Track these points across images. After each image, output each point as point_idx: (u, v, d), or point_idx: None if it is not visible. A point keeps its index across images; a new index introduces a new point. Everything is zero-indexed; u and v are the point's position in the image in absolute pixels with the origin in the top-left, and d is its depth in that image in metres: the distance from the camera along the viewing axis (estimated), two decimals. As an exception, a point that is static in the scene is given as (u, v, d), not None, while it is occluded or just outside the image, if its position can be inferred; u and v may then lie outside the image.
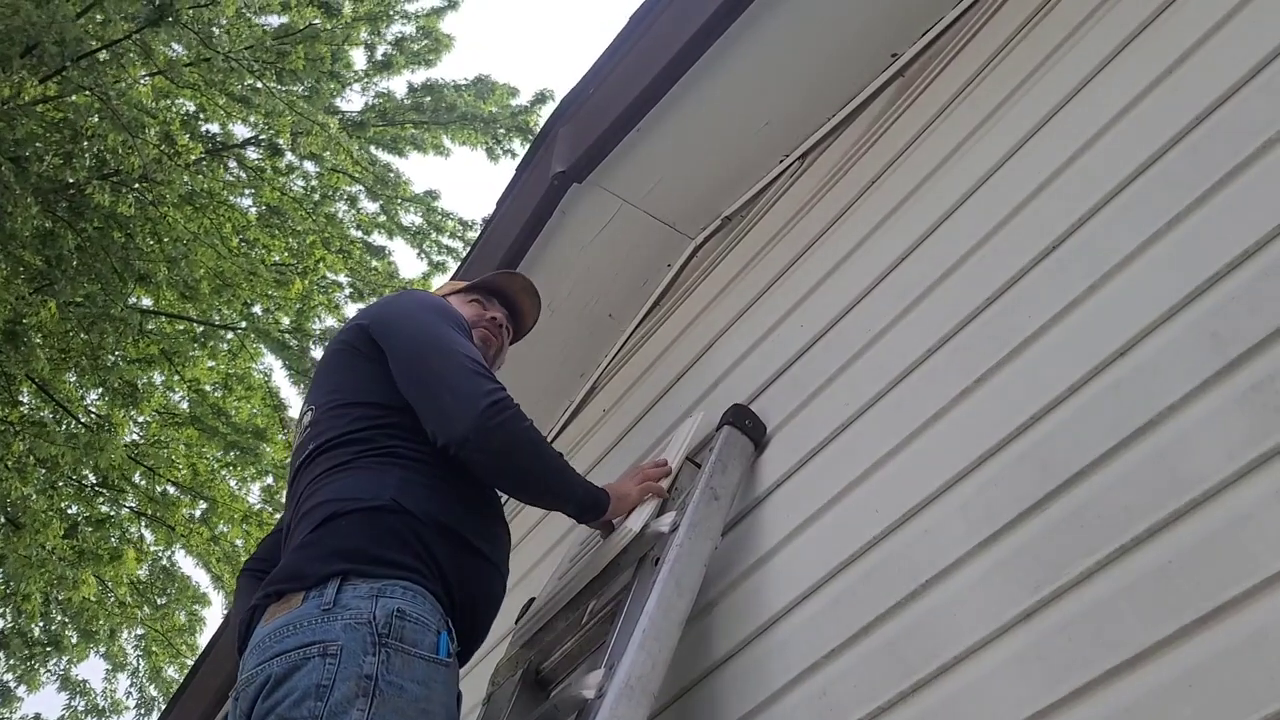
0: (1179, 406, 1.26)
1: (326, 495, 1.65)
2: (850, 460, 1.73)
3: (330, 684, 1.40)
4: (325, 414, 1.78)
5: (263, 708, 1.43)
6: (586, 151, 2.31)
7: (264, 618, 1.55)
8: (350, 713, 1.39)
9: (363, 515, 1.59)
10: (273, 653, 1.46)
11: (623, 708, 1.48)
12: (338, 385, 1.81)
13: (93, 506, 7.98)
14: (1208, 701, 1.09)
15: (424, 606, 1.52)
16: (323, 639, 1.44)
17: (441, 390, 1.69)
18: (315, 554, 1.57)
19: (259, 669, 1.47)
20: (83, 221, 6.92)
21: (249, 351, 8.40)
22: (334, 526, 1.59)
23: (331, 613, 1.47)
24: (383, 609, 1.48)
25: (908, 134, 1.98)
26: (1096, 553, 1.27)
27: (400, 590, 1.51)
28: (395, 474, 1.65)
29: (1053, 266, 1.53)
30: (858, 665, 1.53)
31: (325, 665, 1.42)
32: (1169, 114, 1.46)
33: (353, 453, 1.69)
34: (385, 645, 1.45)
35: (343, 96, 8.49)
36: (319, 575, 1.52)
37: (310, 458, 1.74)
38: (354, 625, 1.45)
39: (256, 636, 1.52)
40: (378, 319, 1.84)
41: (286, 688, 1.42)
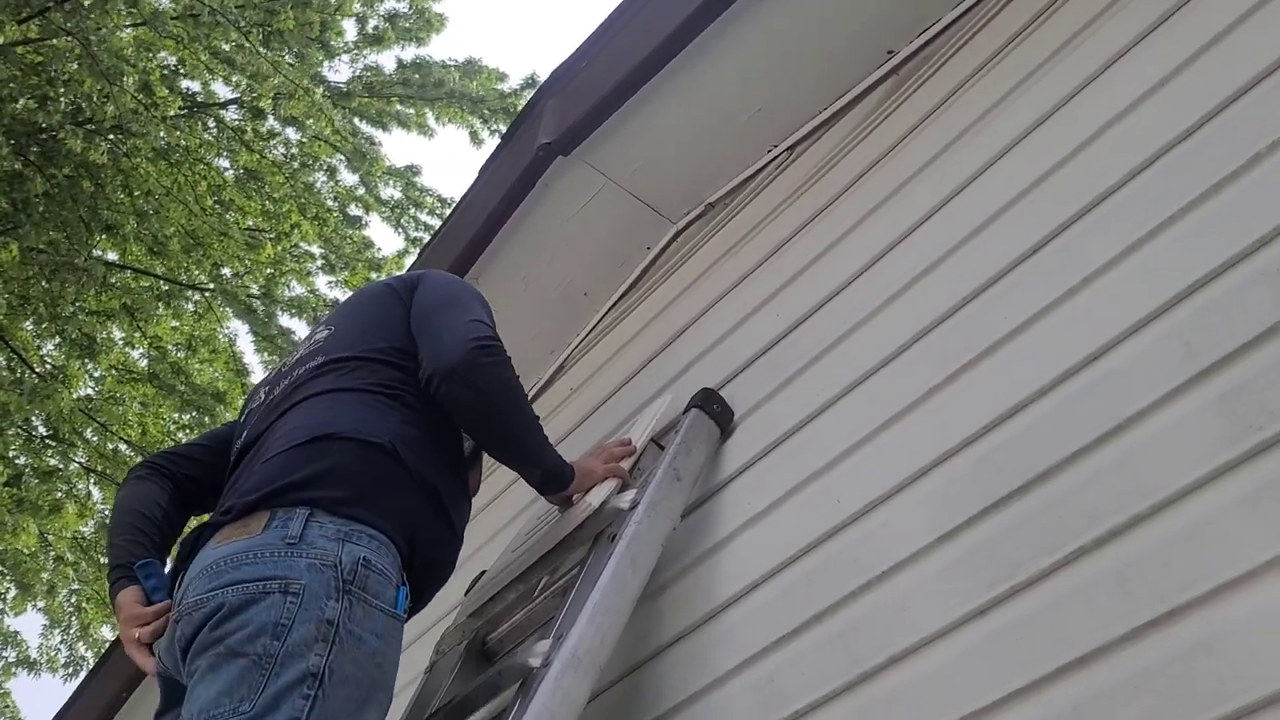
0: (1147, 413, 1.26)
1: (324, 413, 1.60)
2: (815, 450, 1.72)
3: (290, 623, 1.35)
4: (346, 337, 1.76)
5: (209, 636, 1.37)
6: (574, 125, 2.29)
7: (215, 537, 1.47)
8: (308, 656, 1.34)
9: (355, 446, 1.55)
10: (227, 580, 1.39)
11: (568, 678, 1.46)
12: (369, 319, 1.79)
13: (41, 458, 7.82)
14: (1154, 704, 1.10)
15: (386, 559, 1.49)
16: (285, 575, 1.38)
17: (442, 328, 1.69)
18: (293, 467, 1.51)
19: (210, 594, 1.39)
20: (53, 167, 6.79)
21: (215, 314, 8.27)
22: (324, 447, 1.54)
23: (296, 548, 1.41)
24: (349, 555, 1.43)
25: (898, 132, 1.98)
26: (1055, 553, 1.27)
27: (366, 539, 1.47)
28: (397, 418, 1.62)
29: (1031, 270, 1.53)
30: (805, 654, 1.52)
31: (286, 603, 1.36)
32: (1154, 127, 1.47)
33: (361, 382, 1.66)
34: (349, 593, 1.40)
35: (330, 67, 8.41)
36: (289, 485, 1.47)
37: (316, 371, 1.70)
38: (319, 567, 1.40)
39: (208, 557, 1.44)
40: (426, 277, 1.88)
41: (240, 619, 1.36)
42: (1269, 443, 1.13)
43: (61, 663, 7.95)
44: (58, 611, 7.88)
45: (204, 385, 8.16)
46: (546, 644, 1.52)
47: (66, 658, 7.94)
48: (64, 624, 7.94)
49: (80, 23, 6.09)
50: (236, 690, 1.31)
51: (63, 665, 7.96)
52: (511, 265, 2.56)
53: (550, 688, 1.44)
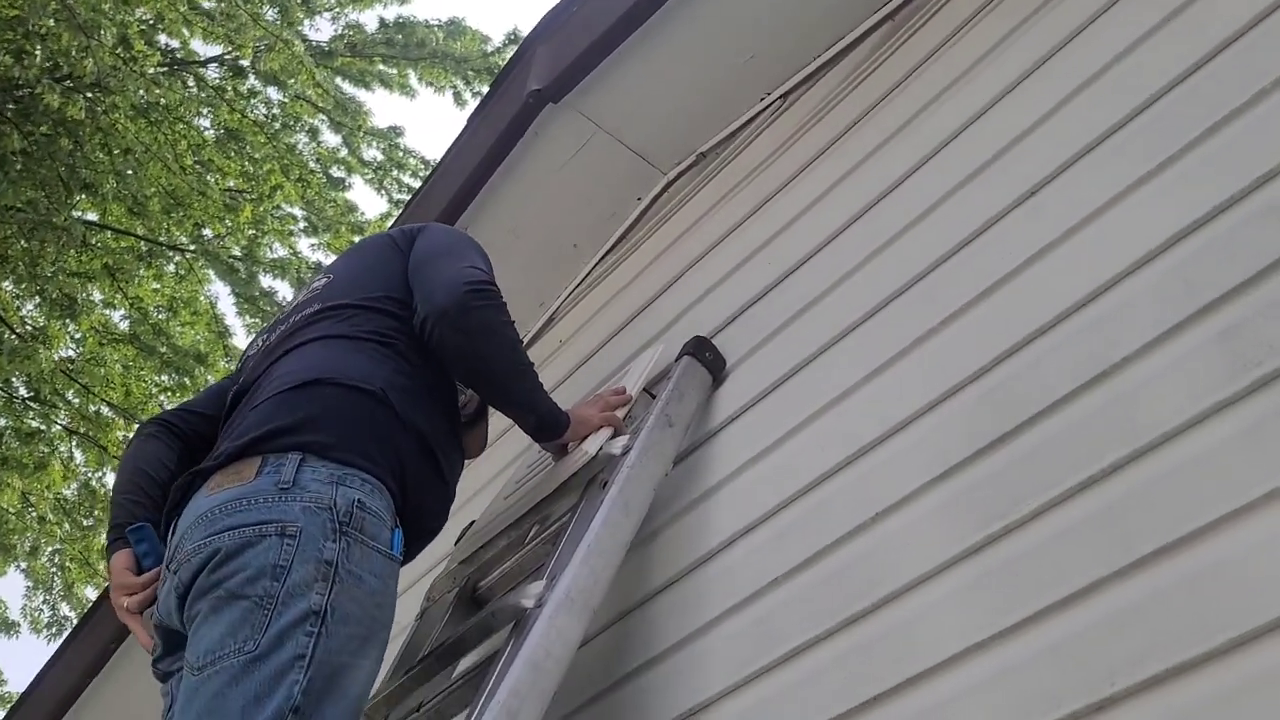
0: (1146, 350, 1.26)
1: (316, 359, 1.59)
2: (809, 395, 1.71)
3: (289, 565, 1.35)
4: (344, 285, 1.74)
5: (208, 580, 1.37)
6: (564, 71, 2.25)
7: (207, 485, 1.47)
8: (309, 595, 1.34)
9: (347, 392, 1.54)
10: (223, 526, 1.39)
11: (561, 618, 1.46)
12: (368, 268, 1.78)
13: (22, 420, 7.75)
14: (1150, 636, 1.10)
15: (380, 502, 1.49)
16: (280, 518, 1.39)
17: (437, 272, 1.68)
18: (285, 412, 1.50)
19: (206, 540, 1.39)
20: (30, 124, 6.67)
21: (197, 275, 8.19)
22: (315, 392, 1.54)
23: (289, 492, 1.41)
24: (343, 497, 1.43)
25: (893, 77, 1.96)
26: (1049, 491, 1.27)
27: (359, 481, 1.47)
28: (390, 366, 1.62)
29: (1029, 211, 1.52)
30: (800, 594, 1.52)
31: (284, 545, 1.36)
32: (1153, 67, 1.45)
33: (356, 330, 1.65)
34: (345, 534, 1.41)
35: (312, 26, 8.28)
36: (281, 429, 1.47)
37: (312, 318, 1.69)
38: (314, 509, 1.40)
39: (200, 507, 1.44)
40: (427, 229, 1.86)
41: (238, 563, 1.36)
42: (1269, 377, 1.12)
43: (44, 623, 7.94)
44: (40, 572, 7.85)
45: (186, 347, 8.09)
46: (540, 585, 1.52)
47: (49, 618, 7.93)
48: (47, 584, 7.91)
49: (57, -27, 5.97)
50: (240, 630, 1.33)
51: (45, 625, 7.94)
52: (500, 215, 2.53)
53: (544, 627, 1.44)
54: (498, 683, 1.39)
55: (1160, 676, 1.08)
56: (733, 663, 1.54)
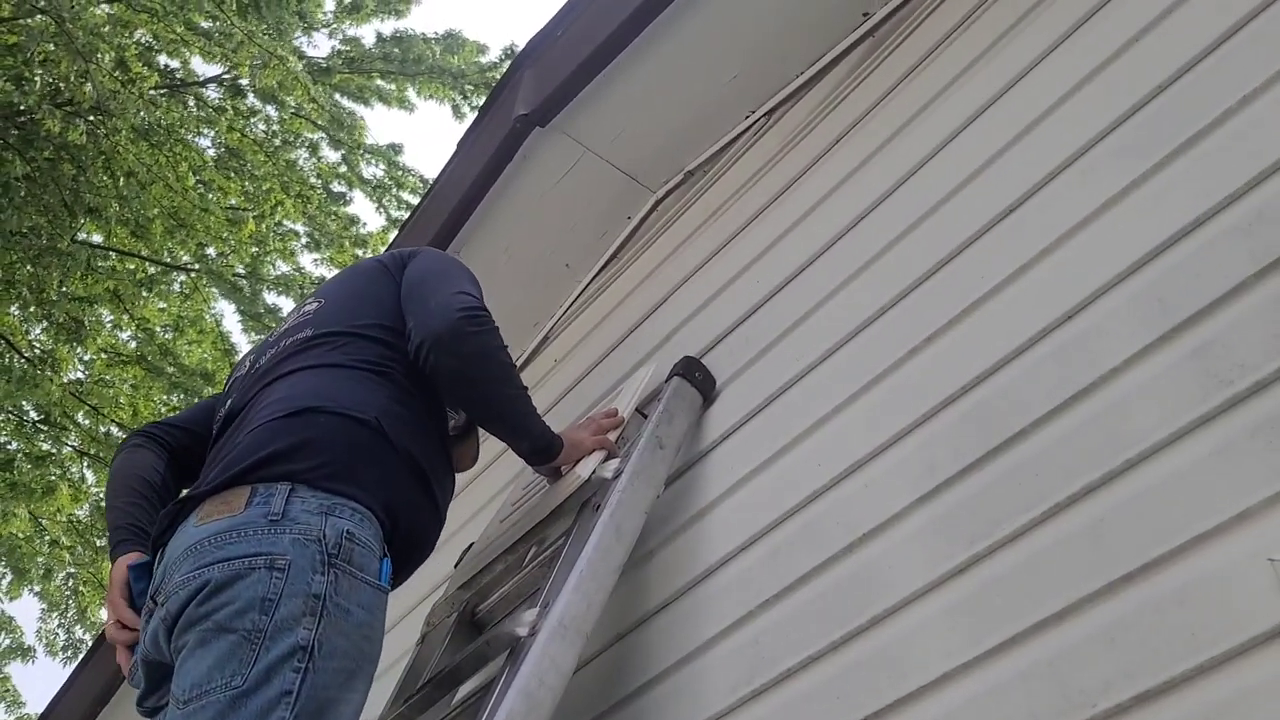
0: (1122, 369, 1.27)
1: (310, 387, 1.60)
2: (797, 415, 1.72)
3: (277, 598, 1.35)
4: (336, 311, 1.75)
5: (196, 612, 1.37)
6: (551, 95, 2.27)
7: (195, 514, 1.47)
8: (297, 630, 1.35)
9: (341, 420, 1.55)
10: (212, 559, 1.39)
11: (555, 646, 1.47)
12: (359, 294, 1.79)
13: (33, 443, 7.80)
14: (1130, 655, 1.11)
15: (369, 532, 1.49)
16: (270, 551, 1.39)
17: (429, 298, 1.69)
18: (277, 439, 1.50)
19: (196, 573, 1.39)
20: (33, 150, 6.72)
21: (201, 294, 8.23)
22: (309, 419, 1.54)
23: (279, 524, 1.41)
24: (332, 528, 1.43)
25: (874, 94, 1.97)
26: (1032, 510, 1.28)
27: (349, 511, 1.47)
28: (384, 395, 1.62)
29: (1008, 229, 1.53)
30: (791, 616, 1.53)
31: (272, 578, 1.36)
32: (1129, 84, 1.47)
33: (348, 358, 1.65)
34: (335, 566, 1.41)
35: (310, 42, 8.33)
36: (271, 456, 1.47)
37: (304, 344, 1.69)
38: (303, 541, 1.40)
39: (190, 537, 1.44)
40: (417, 253, 1.87)
41: (227, 595, 1.36)
42: (1241, 395, 1.14)
43: (60, 646, 7.98)
44: (55, 595, 7.90)
45: (192, 366, 8.13)
46: (534, 613, 1.53)
47: (65, 641, 7.97)
48: (61, 607, 7.95)
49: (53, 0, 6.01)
50: (227, 665, 1.32)
51: (61, 649, 7.99)
52: (492, 238, 2.55)
53: (538, 655, 1.45)
54: (493, 712, 1.40)
55: (1143, 696, 1.09)
56: (728, 685, 1.55)
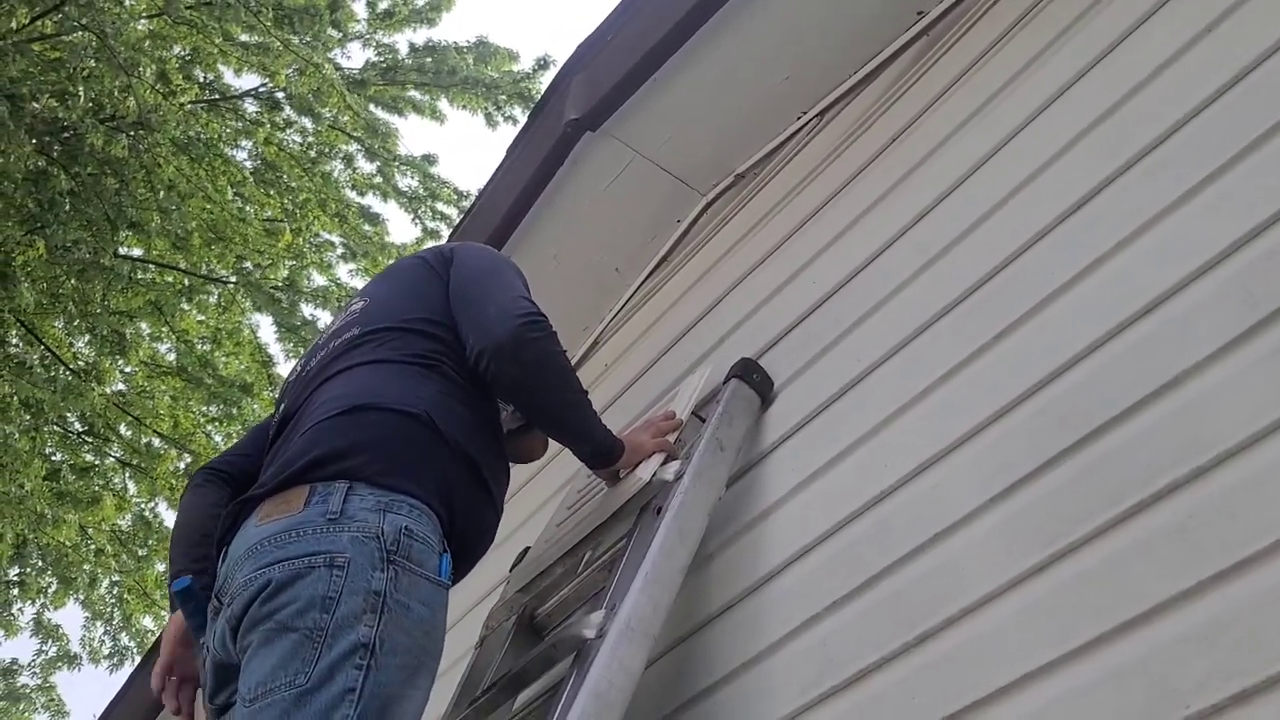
0: (1207, 364, 1.24)
1: (360, 385, 1.60)
2: (860, 415, 1.71)
3: (337, 597, 1.36)
4: (382, 309, 1.75)
5: (259, 612, 1.38)
6: (601, 99, 2.28)
7: (256, 515, 1.48)
8: (358, 628, 1.35)
9: (391, 416, 1.55)
10: (273, 558, 1.40)
11: (623, 648, 1.46)
12: (404, 291, 1.79)
13: (77, 454, 7.91)
14: (1226, 654, 1.08)
15: (427, 527, 1.49)
16: (329, 549, 1.39)
17: (487, 303, 1.69)
18: (332, 439, 1.52)
19: (258, 573, 1.40)
20: (76, 165, 6.83)
21: (239, 306, 8.32)
22: (360, 418, 1.54)
23: (338, 523, 1.42)
24: (391, 525, 1.44)
25: (931, 92, 1.95)
26: (1114, 508, 1.26)
27: (406, 507, 1.47)
28: (433, 388, 1.62)
29: (1080, 223, 1.51)
30: (860, 618, 1.51)
31: (332, 577, 1.37)
32: (1207, 71, 1.44)
33: (397, 354, 1.65)
34: (394, 563, 1.41)
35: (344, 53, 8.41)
36: (328, 463, 1.48)
37: (352, 342, 1.70)
38: (362, 539, 1.41)
39: (251, 538, 1.45)
40: (460, 250, 1.87)
41: (289, 595, 1.37)
42: (1335, 388, 1.11)
43: (105, 654, 8.08)
44: (99, 604, 8.00)
45: (231, 377, 8.22)
46: (600, 615, 1.52)
47: (110, 649, 8.07)
48: (106, 616, 8.05)
49: (96, 17, 6.11)
50: (291, 664, 1.33)
51: (106, 657, 8.09)
52: (542, 243, 2.56)
53: (606, 658, 1.44)
54: (563, 715, 1.40)
55: (1241, 695, 1.06)
56: (796, 687, 1.53)
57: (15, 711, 8.27)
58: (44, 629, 8.03)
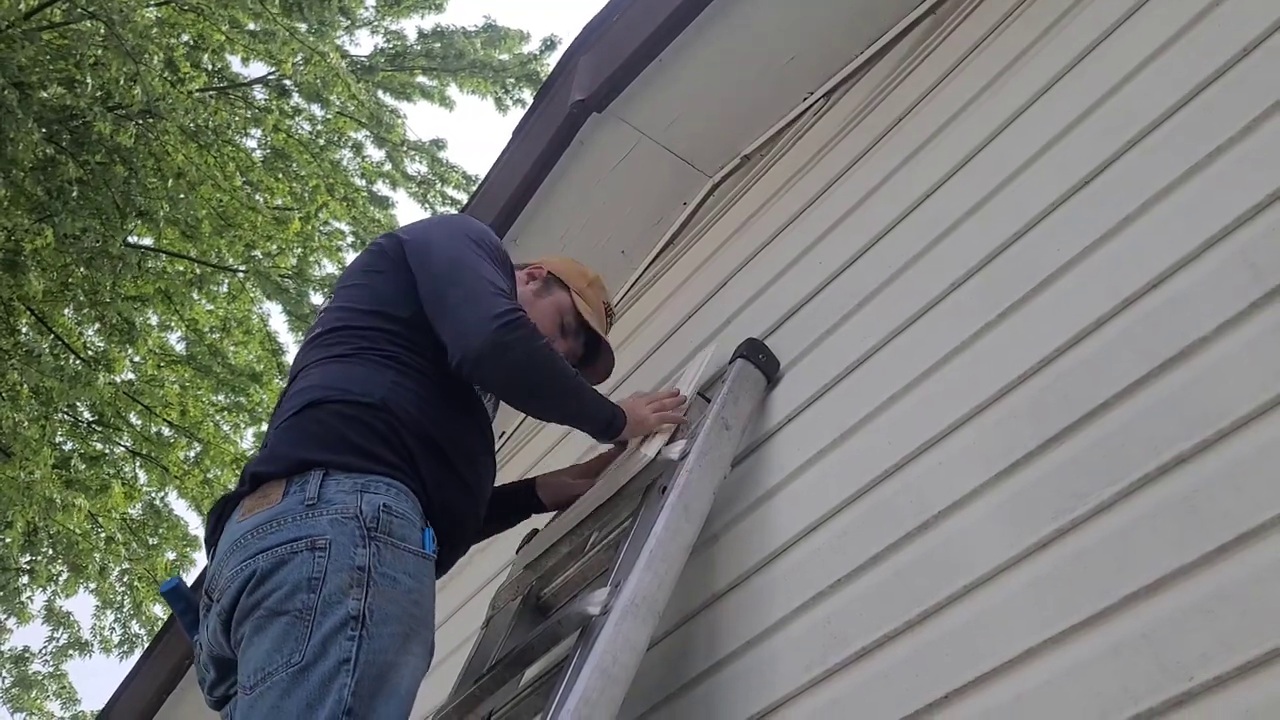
0: (1212, 338, 1.24)
1: (314, 381, 1.63)
2: (865, 394, 1.71)
3: (322, 576, 1.38)
4: (340, 306, 1.77)
5: (248, 602, 1.40)
6: (607, 80, 2.27)
7: (238, 511, 1.50)
8: (346, 601, 1.37)
9: (347, 407, 1.57)
10: (256, 549, 1.42)
11: (628, 625, 1.47)
12: (360, 284, 1.79)
13: (88, 444, 7.96)
14: (1229, 626, 1.08)
15: (406, 504, 1.51)
16: (309, 534, 1.42)
17: (461, 309, 1.66)
18: (295, 438, 1.54)
19: (242, 565, 1.42)
20: (85, 153, 6.84)
21: (248, 295, 8.34)
22: (315, 414, 1.57)
23: (316, 508, 1.44)
24: (369, 504, 1.46)
25: (937, 72, 1.95)
26: (1118, 482, 1.26)
27: (383, 486, 1.49)
28: (389, 376, 1.63)
29: (1084, 201, 1.51)
30: (864, 595, 1.52)
31: (315, 558, 1.39)
32: (1211, 47, 1.43)
33: (353, 348, 1.67)
34: (375, 539, 1.43)
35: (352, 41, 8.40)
36: (298, 461, 1.49)
37: (314, 342, 1.72)
38: (341, 520, 1.43)
39: (234, 533, 1.47)
40: (416, 239, 1.81)
41: (274, 581, 1.39)
42: (1341, 360, 1.10)
43: (115, 642, 8.12)
44: (109, 592, 8.04)
45: (240, 366, 8.25)
46: (605, 592, 1.53)
47: (121, 636, 8.11)
48: (116, 603, 8.10)
49: (103, 4, 6.11)
50: (284, 645, 1.36)
51: (116, 644, 8.13)
52: (548, 226, 2.55)
53: (611, 633, 1.45)
54: (568, 690, 1.40)
55: (1244, 667, 1.06)
56: (800, 665, 1.54)
57: (27, 699, 8.33)
58: (55, 616, 8.09)
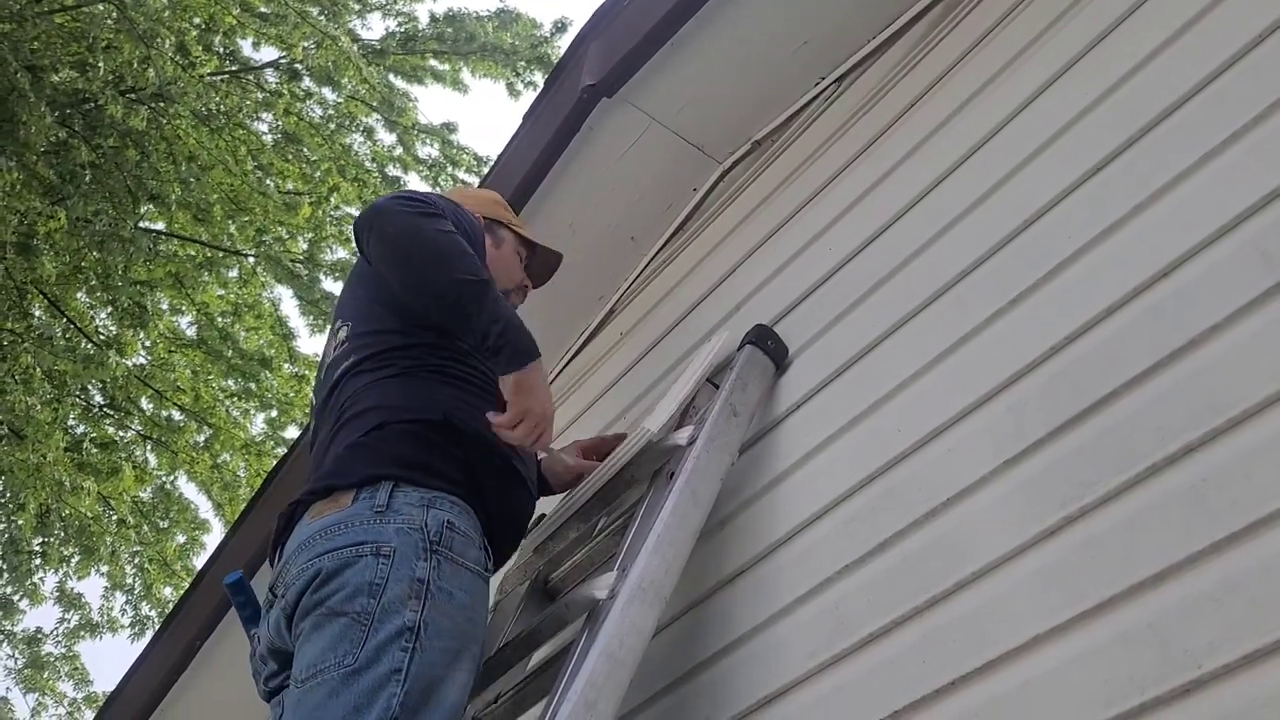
0: (1223, 326, 1.23)
1: (375, 402, 1.65)
2: (874, 381, 1.70)
3: (384, 582, 1.42)
4: (362, 330, 1.77)
5: (311, 599, 1.45)
6: (617, 65, 2.26)
7: (308, 514, 1.55)
8: (403, 612, 1.41)
9: (416, 426, 1.61)
10: (323, 549, 1.47)
11: (635, 608, 1.47)
12: (373, 302, 1.80)
13: (99, 428, 7.99)
14: (1237, 615, 1.08)
15: (468, 522, 1.56)
16: (376, 539, 1.46)
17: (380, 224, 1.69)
18: (367, 456, 1.58)
19: (309, 564, 1.47)
20: (97, 137, 6.85)
21: (259, 279, 8.35)
22: (387, 433, 1.60)
23: (384, 515, 1.49)
24: (434, 519, 1.50)
25: (949, 58, 1.93)
26: (1127, 471, 1.25)
27: (447, 503, 1.54)
28: (446, 391, 1.68)
29: (1096, 188, 1.50)
30: (872, 581, 1.52)
31: (379, 564, 1.44)
32: (1223, 36, 1.42)
33: (401, 367, 1.70)
34: (437, 553, 1.48)
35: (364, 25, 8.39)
36: (371, 476, 1.54)
37: (350, 372, 1.73)
38: (406, 530, 1.48)
39: (303, 534, 1.52)
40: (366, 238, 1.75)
41: (338, 582, 1.43)
42: (1354, 349, 1.10)
43: (126, 623, 8.19)
44: (119, 574, 8.09)
45: (251, 351, 8.27)
46: (611, 576, 1.53)
47: (132, 618, 8.17)
48: (127, 586, 8.15)
49: (116, -14, 6.12)
50: (340, 645, 1.40)
51: (127, 626, 8.19)
52: (558, 212, 2.54)
53: (617, 617, 1.45)
54: (574, 674, 1.41)
55: (1252, 656, 1.06)
56: (807, 650, 1.54)
57: (40, 679, 8.40)
58: (66, 598, 8.14)
